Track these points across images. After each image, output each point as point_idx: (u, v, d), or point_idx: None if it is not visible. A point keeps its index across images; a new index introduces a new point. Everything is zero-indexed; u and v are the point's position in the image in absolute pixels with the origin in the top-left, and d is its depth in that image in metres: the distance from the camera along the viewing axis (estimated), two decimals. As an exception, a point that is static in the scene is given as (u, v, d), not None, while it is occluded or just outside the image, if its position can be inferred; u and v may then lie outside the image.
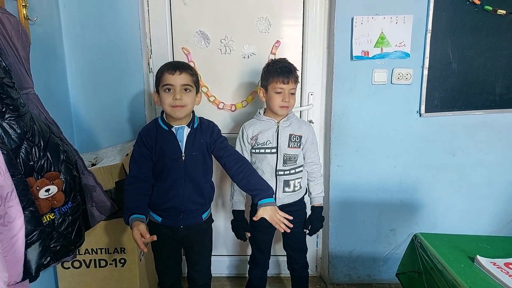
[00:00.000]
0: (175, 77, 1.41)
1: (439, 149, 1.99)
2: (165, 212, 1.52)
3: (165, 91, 1.43)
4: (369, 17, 1.82)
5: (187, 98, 1.43)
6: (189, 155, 1.47)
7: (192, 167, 1.48)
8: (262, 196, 1.40)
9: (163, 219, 1.53)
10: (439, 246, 1.33)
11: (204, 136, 1.51)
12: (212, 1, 1.93)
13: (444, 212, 2.07)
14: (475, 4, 1.80)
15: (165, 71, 1.43)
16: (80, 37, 1.87)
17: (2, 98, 1.09)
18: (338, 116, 1.95)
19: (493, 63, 1.87)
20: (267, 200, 1.40)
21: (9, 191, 1.01)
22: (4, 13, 1.22)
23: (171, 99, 1.41)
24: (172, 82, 1.41)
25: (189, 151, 1.47)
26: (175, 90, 1.41)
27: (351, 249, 2.12)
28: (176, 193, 1.48)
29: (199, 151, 1.49)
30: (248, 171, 1.46)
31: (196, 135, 1.50)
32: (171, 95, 1.42)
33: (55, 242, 1.25)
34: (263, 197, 1.40)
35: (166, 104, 1.43)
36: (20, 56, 1.26)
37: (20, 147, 1.15)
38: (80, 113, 1.95)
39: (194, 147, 1.48)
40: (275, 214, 1.37)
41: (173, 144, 1.46)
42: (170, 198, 1.49)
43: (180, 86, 1.42)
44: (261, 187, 1.43)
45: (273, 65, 1.60)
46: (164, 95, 1.43)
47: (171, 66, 1.44)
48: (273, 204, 1.40)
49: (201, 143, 1.50)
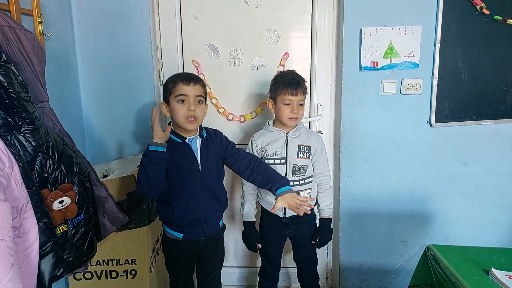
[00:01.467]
0: (189, 88, 1.41)
1: (450, 159, 1.97)
2: (187, 227, 1.50)
3: (178, 102, 1.42)
4: (377, 28, 1.83)
5: (199, 110, 1.44)
6: (205, 164, 1.49)
7: (208, 176, 1.50)
8: (277, 186, 1.41)
9: (184, 235, 1.52)
10: (452, 258, 1.31)
11: (215, 144, 1.53)
12: (222, 15, 1.96)
13: (456, 223, 2.04)
14: (484, 14, 1.80)
15: (179, 81, 1.42)
16: (93, 51, 1.91)
17: (19, 111, 1.12)
18: (347, 127, 1.95)
19: (504, 73, 1.86)
20: (284, 189, 1.41)
21: (24, 203, 1.03)
22: (21, 29, 1.26)
23: (185, 110, 1.41)
24: (187, 93, 1.41)
25: (205, 160, 1.49)
26: (190, 101, 1.41)
27: (362, 261, 2.09)
28: (197, 204, 1.48)
29: (213, 160, 1.51)
30: (261, 168, 1.49)
31: (208, 144, 1.51)
32: (185, 106, 1.41)
33: (68, 253, 1.26)
34: (279, 186, 1.41)
35: (180, 116, 1.42)
36: (36, 70, 1.29)
37: (35, 159, 1.17)
38: (93, 125, 1.98)
39: (209, 156, 1.50)
40: (293, 200, 1.38)
41: (189, 156, 1.46)
42: (192, 211, 1.48)
43: (194, 97, 1.42)
44: (274, 178, 1.45)
45: (282, 77, 1.61)
46: (178, 106, 1.42)
47: (186, 77, 1.44)
48: (290, 191, 1.41)
49: (214, 152, 1.52)
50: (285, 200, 1.38)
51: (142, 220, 1.68)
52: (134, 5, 1.87)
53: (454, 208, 2.02)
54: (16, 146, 1.11)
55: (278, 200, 1.39)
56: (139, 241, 1.68)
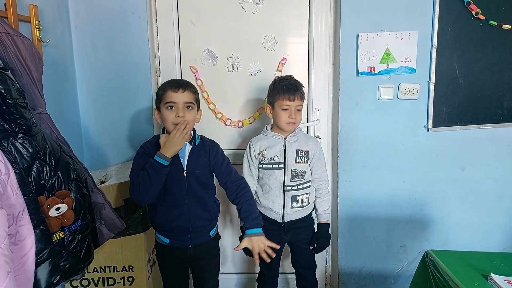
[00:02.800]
0: (178, 95, 1.42)
1: (448, 164, 1.97)
2: (172, 233, 1.51)
3: (167, 109, 1.43)
4: (374, 33, 1.84)
5: (189, 116, 1.44)
6: (191, 172, 1.47)
7: (194, 184, 1.48)
8: (250, 225, 1.44)
9: (171, 241, 1.52)
10: (451, 263, 1.31)
11: (208, 155, 1.52)
12: (219, 21, 1.97)
13: (455, 227, 2.03)
14: (480, 19, 1.81)
15: (168, 88, 1.43)
16: (91, 57, 1.92)
17: (16, 118, 1.11)
18: (345, 131, 1.96)
19: (500, 78, 1.87)
20: (254, 230, 1.43)
21: (20, 210, 1.02)
22: (18, 36, 1.26)
23: (173, 116, 1.42)
24: (175, 100, 1.41)
25: (192, 168, 1.47)
26: (178, 108, 1.42)
27: (361, 266, 2.08)
28: (182, 211, 1.47)
29: (201, 169, 1.50)
30: (244, 200, 1.50)
31: (199, 153, 1.50)
32: (174, 113, 1.42)
33: (65, 260, 1.26)
34: (251, 226, 1.44)
35: (169, 122, 1.42)
36: (33, 77, 1.29)
37: (32, 166, 1.16)
38: (90, 131, 1.98)
39: (197, 165, 1.48)
40: (258, 244, 1.40)
41: (175, 161, 1.44)
42: (176, 217, 1.48)
43: (183, 104, 1.42)
44: (250, 216, 1.46)
45: (280, 83, 1.62)
46: (167, 112, 1.43)
47: (174, 84, 1.44)
48: (260, 234, 1.43)
49: (204, 162, 1.50)
50: (251, 242, 1.42)
51: (139, 227, 1.67)
52: (132, 12, 1.87)
53: (453, 213, 2.02)
54: (12, 152, 1.11)
55: (244, 240, 1.43)
56: (136, 247, 1.67)
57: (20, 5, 1.43)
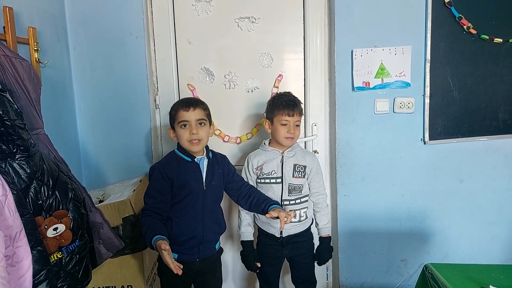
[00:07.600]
0: (189, 113, 1.49)
1: (446, 176, 1.98)
2: (182, 246, 1.51)
3: (181, 127, 1.50)
4: (368, 49, 1.87)
5: (202, 132, 1.51)
6: (209, 185, 1.54)
7: (210, 196, 1.55)
8: (272, 203, 1.57)
9: (179, 255, 1.50)
10: (450, 276, 1.30)
11: (221, 166, 1.61)
12: (216, 39, 2.00)
13: (456, 240, 2.02)
14: (472, 33, 1.84)
15: (179, 108, 1.50)
16: (89, 77, 1.94)
17: (14, 139, 1.12)
18: (342, 146, 1.96)
19: (494, 90, 1.90)
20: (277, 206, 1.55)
21: (18, 231, 1.02)
22: (17, 58, 1.28)
23: (188, 134, 1.49)
24: (188, 118, 1.49)
25: (209, 180, 1.55)
26: (191, 125, 1.49)
27: (362, 281, 2.06)
28: (196, 224, 1.52)
29: (217, 181, 1.58)
30: (259, 193, 1.64)
31: (213, 165, 1.58)
32: (188, 131, 1.49)
33: (62, 281, 1.24)
34: (273, 203, 1.57)
35: (184, 140, 1.50)
36: (31, 98, 1.31)
37: (29, 186, 1.17)
38: (88, 150, 1.99)
39: (214, 177, 1.56)
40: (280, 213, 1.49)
41: (197, 175, 1.52)
42: (191, 230, 1.51)
43: (195, 121, 1.50)
44: (268, 198, 1.61)
45: (279, 98, 1.65)
46: (181, 131, 1.50)
47: (185, 103, 1.52)
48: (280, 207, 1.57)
49: (219, 174, 1.59)
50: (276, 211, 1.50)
51: (137, 245, 1.66)
52: (130, 32, 1.90)
53: (453, 225, 2.01)
54: (10, 173, 1.12)
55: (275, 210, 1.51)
56: (135, 266, 1.66)
57: (19, 27, 1.45)
